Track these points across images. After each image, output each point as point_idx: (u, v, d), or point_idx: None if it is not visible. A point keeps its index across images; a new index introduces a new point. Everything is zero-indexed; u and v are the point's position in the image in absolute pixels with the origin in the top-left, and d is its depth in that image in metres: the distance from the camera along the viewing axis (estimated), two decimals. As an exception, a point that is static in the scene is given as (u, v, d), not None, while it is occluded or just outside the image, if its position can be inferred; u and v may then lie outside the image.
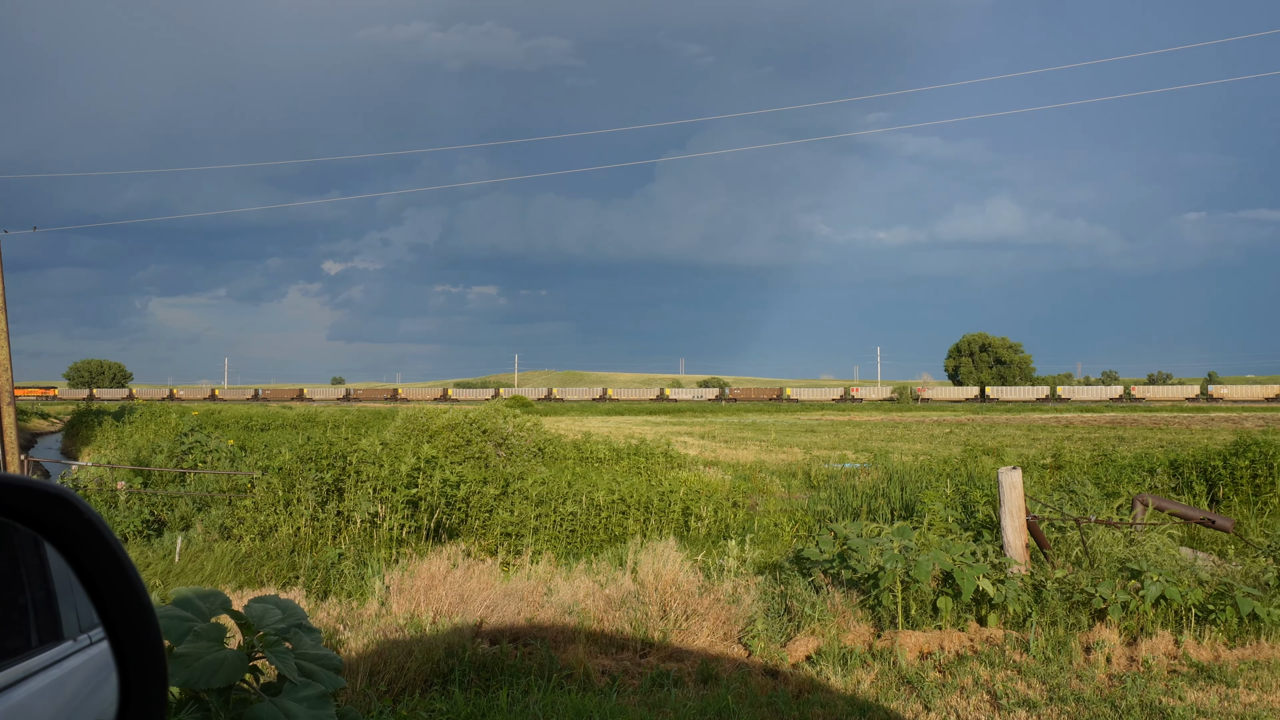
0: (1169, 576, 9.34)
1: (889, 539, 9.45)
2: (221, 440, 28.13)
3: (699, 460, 30.31)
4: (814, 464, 29.52)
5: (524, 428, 26.67)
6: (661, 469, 25.31)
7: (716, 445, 40.63)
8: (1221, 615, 9.01)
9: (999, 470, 10.43)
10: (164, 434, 35.30)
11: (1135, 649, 8.72)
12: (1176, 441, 36.18)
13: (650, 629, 8.81)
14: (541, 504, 16.18)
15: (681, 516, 17.32)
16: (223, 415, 52.74)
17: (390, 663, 7.68)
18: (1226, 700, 7.48)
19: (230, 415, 53.84)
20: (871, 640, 8.92)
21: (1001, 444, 34.27)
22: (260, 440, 32.94)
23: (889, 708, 7.41)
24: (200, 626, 3.00)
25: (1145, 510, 11.97)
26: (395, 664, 7.67)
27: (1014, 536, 10.08)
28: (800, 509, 18.72)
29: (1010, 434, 47.56)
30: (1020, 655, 8.56)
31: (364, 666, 7.59)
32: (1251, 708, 7.30)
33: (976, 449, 27.76)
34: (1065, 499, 13.08)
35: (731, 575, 10.03)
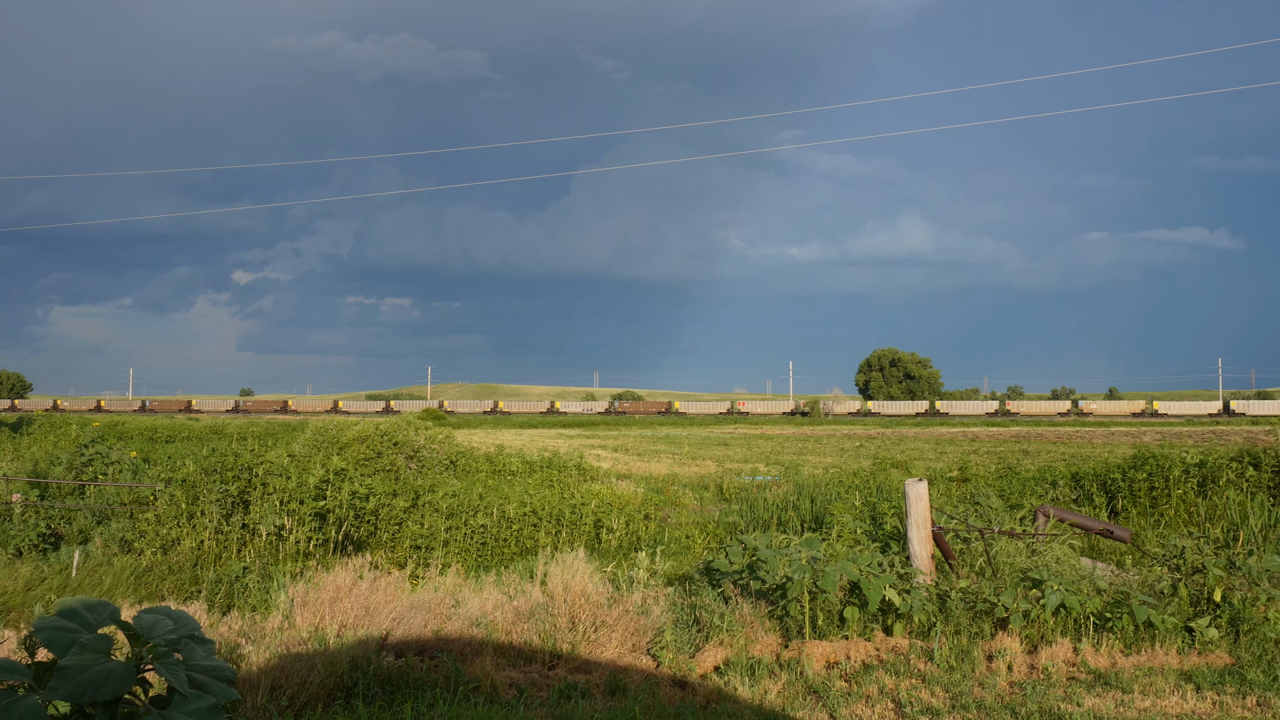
0: (1069, 586, 9.54)
1: (797, 550, 9.52)
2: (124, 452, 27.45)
3: (612, 473, 30.29)
4: (726, 477, 29.65)
5: (436, 440, 26.45)
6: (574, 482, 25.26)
7: (629, 458, 40.65)
8: (1118, 623, 9.23)
9: (906, 482, 10.57)
10: (64, 445, 34.28)
11: (1036, 656, 8.88)
12: (1078, 455, 37.04)
13: (559, 641, 8.77)
14: (452, 516, 16.04)
15: (593, 529, 17.30)
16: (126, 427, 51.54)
17: (293, 677, 7.53)
18: (1122, 706, 7.66)
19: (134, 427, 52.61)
20: (779, 650, 8.97)
21: (910, 457, 34.78)
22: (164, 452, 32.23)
23: (796, 717, 7.46)
24: (86, 638, 2.90)
25: (1047, 521, 12.22)
26: (298, 678, 7.53)
27: (920, 547, 10.22)
28: (712, 521, 18.79)
29: (919, 448, 48.30)
30: (925, 664, 8.67)
31: (265, 680, 7.44)
32: (1145, 713, 7.48)
33: (885, 462, 28.13)
34: (970, 511, 13.30)
35: (641, 587, 10.03)
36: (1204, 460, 17.83)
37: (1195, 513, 16.79)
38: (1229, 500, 16.42)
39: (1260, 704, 7.72)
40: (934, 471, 23.91)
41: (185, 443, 39.80)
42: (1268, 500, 16.29)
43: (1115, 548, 13.99)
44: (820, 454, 43.85)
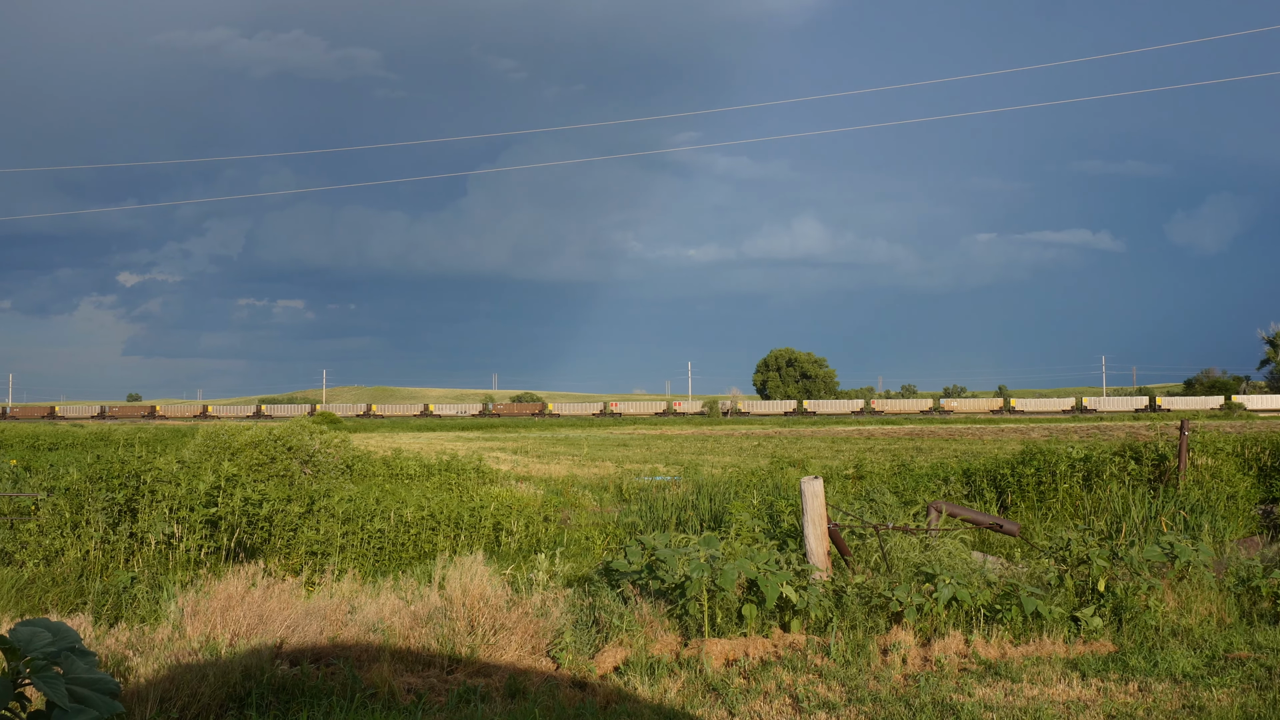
0: (960, 579, 9.75)
1: (696, 549, 9.57)
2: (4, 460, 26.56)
3: (511, 475, 30.15)
4: (626, 477, 29.71)
5: (332, 444, 26.04)
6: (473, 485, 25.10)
7: (529, 460, 40.50)
8: (1008, 614, 9.46)
9: (802, 480, 10.69)
10: (-61, 455, 33.02)
11: (929, 649, 9.06)
12: (970, 451, 37.88)
13: (458, 644, 8.70)
14: (349, 521, 15.82)
15: (493, 532, 17.21)
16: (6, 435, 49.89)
17: (183, 688, 7.35)
18: (1011, 695, 7.86)
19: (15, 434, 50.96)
20: (679, 649, 9.01)
21: (807, 456, 35.25)
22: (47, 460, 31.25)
23: (695, 715, 7.50)
24: (-40, 653, 2.80)
25: (939, 517, 12.46)
26: (188, 689, 7.36)
27: (816, 544, 10.35)
28: (611, 522, 18.81)
29: (816, 446, 48.93)
30: (822, 659, 8.79)
31: (154, 693, 7.25)
32: (1033, 701, 7.68)
33: (783, 461, 28.47)
34: (866, 507, 13.50)
35: (541, 589, 10.00)
36: (1089, 455, 18.36)
37: (1081, 506, 17.29)
38: (1112, 493, 16.93)
39: (1142, 689, 7.97)
40: (830, 470, 24.25)
41: (70, 450, 38.65)
42: (1148, 493, 16.83)
43: (1005, 541, 14.34)
44: (719, 454, 44.17)
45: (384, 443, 49.92)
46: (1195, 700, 7.63)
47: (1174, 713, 7.43)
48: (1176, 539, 10.76)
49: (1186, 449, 18.09)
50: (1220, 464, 18.27)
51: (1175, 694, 7.83)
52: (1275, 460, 19.13)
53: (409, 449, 39.59)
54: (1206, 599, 10.20)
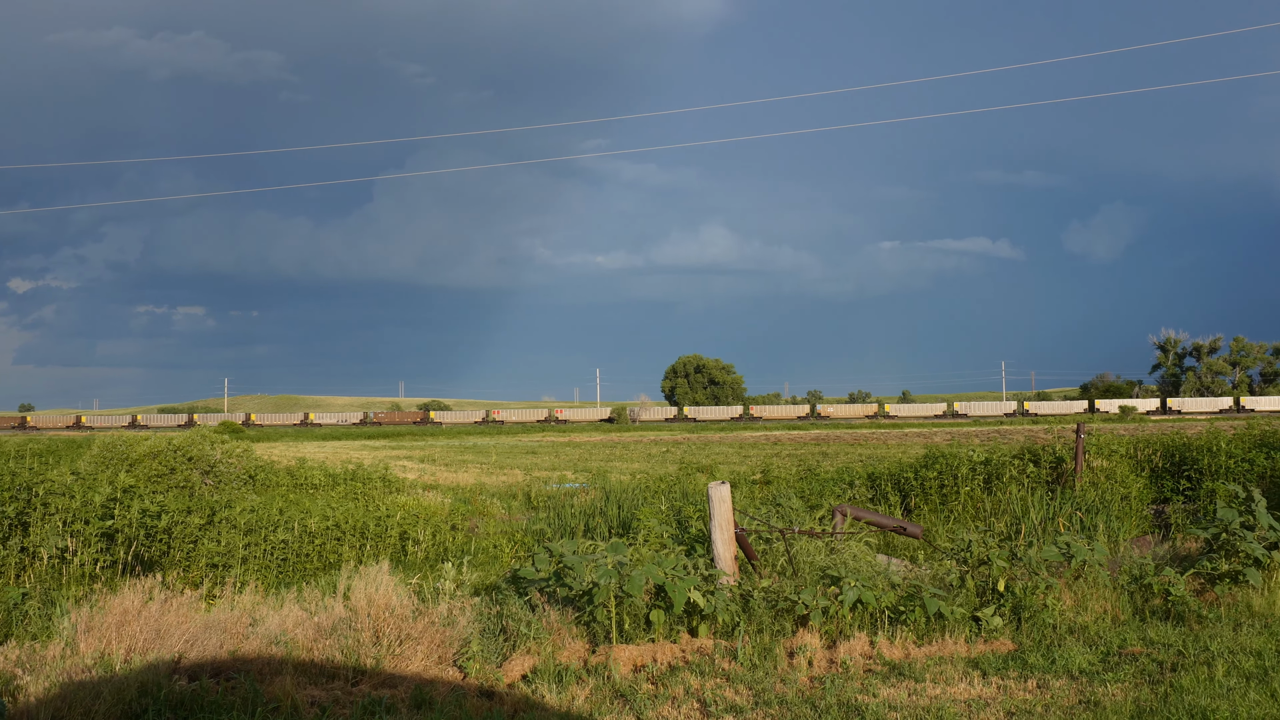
0: (865, 582, 9.87)
1: (604, 556, 9.56)
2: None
3: (418, 484, 29.86)
4: (534, 485, 29.62)
5: (234, 454, 25.51)
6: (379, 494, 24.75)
7: (436, 468, 40.15)
8: (911, 615, 9.61)
9: (709, 486, 10.74)
10: None
11: (835, 651, 9.16)
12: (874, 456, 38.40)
13: (363, 656, 8.58)
14: (251, 532, 15.51)
15: (399, 541, 17.01)
16: (-112, 447, 48.01)
17: (76, 706, 7.14)
18: (914, 694, 7.98)
19: (-102, 447, 49.06)
20: (587, 656, 9.00)
21: (715, 461, 35.41)
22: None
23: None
24: None
25: (844, 520, 12.62)
26: (82, 707, 7.14)
27: (723, 549, 10.41)
28: (520, 530, 18.71)
29: (723, 452, 49.22)
30: (729, 663, 8.83)
31: (45, 712, 7.02)
32: (936, 700, 7.81)
33: (691, 467, 28.58)
34: (772, 512, 13.61)
35: (448, 598, 9.90)
36: (989, 458, 18.71)
37: (982, 508, 17.61)
38: (1012, 495, 17.29)
39: (1040, 686, 8.15)
40: (738, 475, 24.42)
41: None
42: (1046, 494, 17.22)
43: (909, 544, 14.56)
44: (628, 460, 44.22)
45: (288, 452, 49.11)
46: (1091, 696, 7.82)
47: (1071, 708, 7.61)
48: (1073, 539, 11.02)
49: (1083, 451, 18.54)
50: (1115, 466, 18.75)
51: (1072, 690, 8.02)
52: (1166, 462, 19.69)
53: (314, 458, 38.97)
54: (1101, 597, 10.47)
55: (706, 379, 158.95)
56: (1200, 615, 10.03)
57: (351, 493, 24.61)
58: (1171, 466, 19.55)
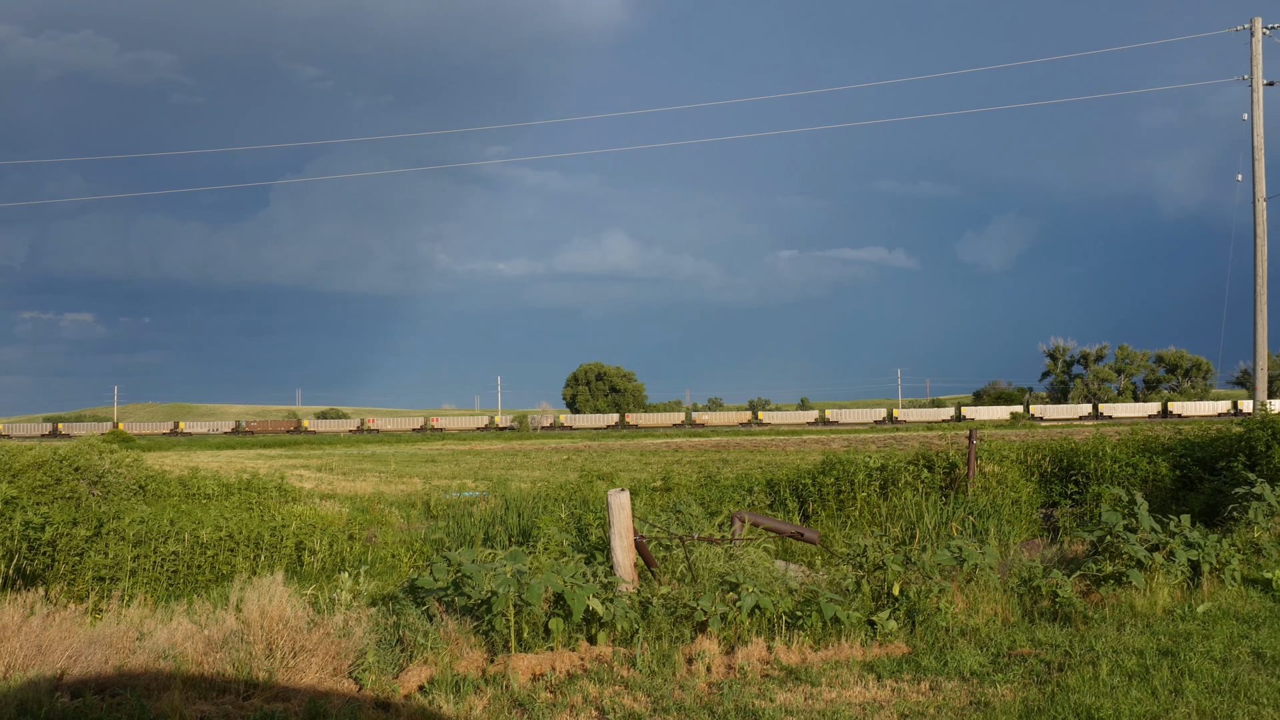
0: (763, 587, 9.96)
1: (503, 564, 9.50)
2: None
3: (315, 493, 29.43)
4: (434, 494, 29.37)
5: (123, 464, 24.87)
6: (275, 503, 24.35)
7: (334, 477, 39.57)
8: (808, 620, 9.71)
9: (609, 493, 10.74)
10: None
11: (733, 657, 9.21)
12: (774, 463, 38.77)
13: (255, 669, 8.40)
14: (140, 544, 15.13)
15: (295, 551, 16.74)
16: None
17: (-49, 726, 6.88)
18: (811, 699, 8.07)
19: None
20: (485, 665, 8.93)
21: (616, 469, 35.44)
22: None
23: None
24: None
25: (743, 526, 12.73)
26: (-43, 727, 6.89)
27: (623, 556, 10.41)
28: (418, 539, 18.55)
29: (624, 459, 49.30)
30: (628, 670, 8.83)
31: (-82, 733, 6.76)
32: (832, 704, 7.91)
33: (592, 474, 28.57)
34: (673, 519, 13.67)
35: (344, 608, 9.75)
36: (885, 464, 19.02)
37: (878, 513, 17.89)
38: (907, 500, 17.59)
39: (933, 688, 8.30)
40: (638, 482, 24.46)
41: None
42: (940, 499, 17.55)
43: (806, 549, 14.74)
44: (529, 468, 44.07)
45: (180, 461, 47.97)
46: (981, 696, 7.98)
47: (962, 709, 7.76)
48: (965, 543, 11.25)
49: (975, 457, 18.95)
50: (1006, 471, 19.19)
51: (963, 691, 8.18)
52: (1055, 467, 20.21)
53: (207, 467, 38.16)
54: (992, 599, 10.69)
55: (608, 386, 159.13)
56: (1086, 616, 10.30)
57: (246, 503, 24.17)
58: (1060, 471, 20.08)
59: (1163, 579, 11.01)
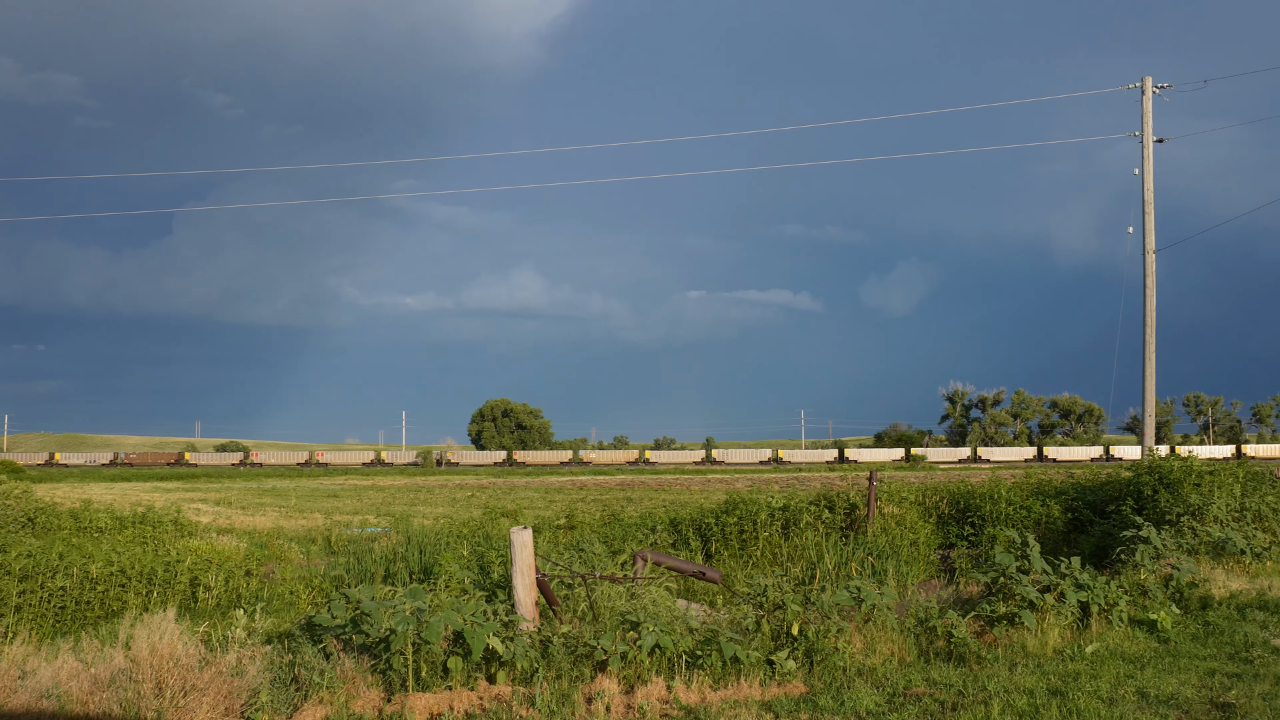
0: (664, 627, 9.99)
1: (402, 602, 9.42)
2: None
3: (212, 528, 28.80)
4: (335, 529, 28.95)
5: (11, 495, 24.12)
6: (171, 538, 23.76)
7: (233, 512, 38.76)
8: (708, 660, 9.76)
9: (512, 530, 10.71)
10: None
11: (633, 696, 9.22)
12: (678, 501, 38.91)
13: (143, 708, 8.20)
14: (27, 579, 14.67)
15: (189, 587, 16.36)
16: None
17: None
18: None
19: None
20: (382, 705, 8.82)
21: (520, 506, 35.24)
22: None
23: (397, 772, 7.34)
24: None
25: (645, 565, 12.76)
26: None
27: (524, 594, 10.38)
28: (318, 575, 18.24)
29: (529, 496, 49.07)
30: (527, 710, 8.79)
31: None
32: (730, 744, 7.95)
33: (496, 511, 28.37)
34: (575, 557, 13.66)
35: (237, 646, 9.57)
36: (787, 504, 19.21)
37: (780, 553, 18.05)
38: (808, 541, 17.79)
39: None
40: (542, 519, 24.38)
41: None
42: (840, 540, 17.78)
43: (708, 588, 14.81)
44: (432, 504, 43.64)
45: (72, 493, 46.64)
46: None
47: (857, 749, 7.85)
48: (864, 583, 11.41)
49: (875, 498, 19.24)
50: (905, 512, 19.51)
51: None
52: (952, 509, 20.60)
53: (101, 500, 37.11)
54: (889, 639, 10.85)
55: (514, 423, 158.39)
56: (980, 656, 10.50)
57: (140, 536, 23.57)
58: (957, 513, 20.46)
59: (1054, 620, 11.28)
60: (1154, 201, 31.72)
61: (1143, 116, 31.96)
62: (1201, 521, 16.02)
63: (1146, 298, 31.58)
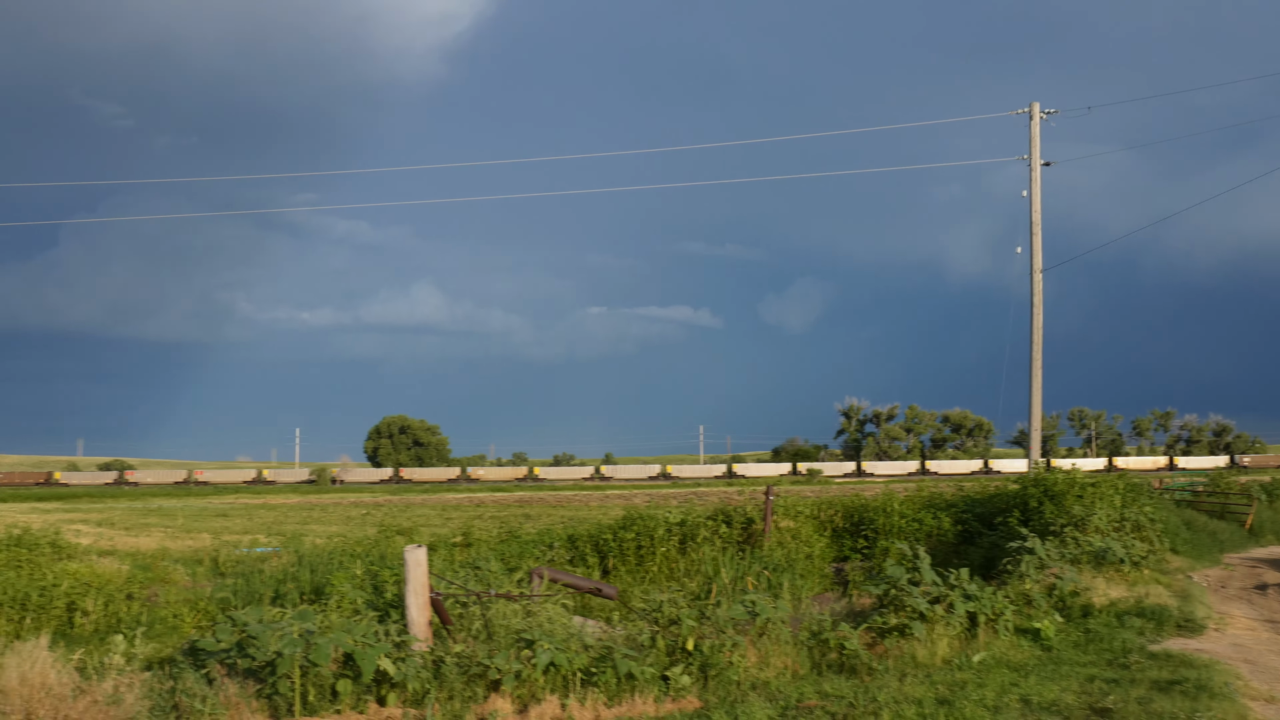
0: (559, 644, 9.90)
1: (290, 624, 9.19)
2: None
3: (93, 549, 27.91)
4: (224, 549, 28.24)
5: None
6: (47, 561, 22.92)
7: (115, 533, 37.63)
8: (603, 677, 9.69)
9: (406, 549, 10.54)
10: None
11: (526, 715, 9.12)
12: (576, 517, 38.77)
13: (13, 741, 7.86)
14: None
15: (66, 612, 15.80)
16: None
17: None
18: (603, 757, 8.03)
19: None
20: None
21: (416, 524, 34.81)
22: None
23: (282, 800, 7.14)
24: None
25: (541, 582, 12.66)
26: None
27: (418, 614, 10.20)
28: (204, 598, 17.75)
29: (425, 514, 48.49)
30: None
31: None
32: (624, 762, 7.89)
33: (391, 529, 27.92)
34: (471, 575, 13.49)
35: (115, 673, 9.23)
36: (685, 519, 19.24)
37: (677, 568, 18.07)
38: (705, 555, 17.83)
39: (724, 743, 8.38)
40: (439, 537, 24.06)
41: None
42: (737, 554, 17.86)
43: (605, 605, 14.74)
44: (326, 523, 42.89)
45: (-57, 516, 44.77)
46: (770, 750, 8.10)
47: (751, 763, 7.84)
48: (759, 597, 11.46)
49: (771, 512, 19.38)
50: (800, 526, 19.69)
51: (753, 745, 8.27)
52: (847, 522, 20.84)
53: (-28, 523, 35.69)
54: (783, 653, 10.91)
55: (412, 440, 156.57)
56: (871, 667, 10.60)
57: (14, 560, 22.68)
58: (851, 527, 20.70)
59: (943, 630, 11.44)
60: (1041, 223, 32.59)
61: (1031, 140, 32.83)
62: (1084, 532, 16.43)
63: (1034, 315, 32.40)
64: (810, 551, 18.81)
